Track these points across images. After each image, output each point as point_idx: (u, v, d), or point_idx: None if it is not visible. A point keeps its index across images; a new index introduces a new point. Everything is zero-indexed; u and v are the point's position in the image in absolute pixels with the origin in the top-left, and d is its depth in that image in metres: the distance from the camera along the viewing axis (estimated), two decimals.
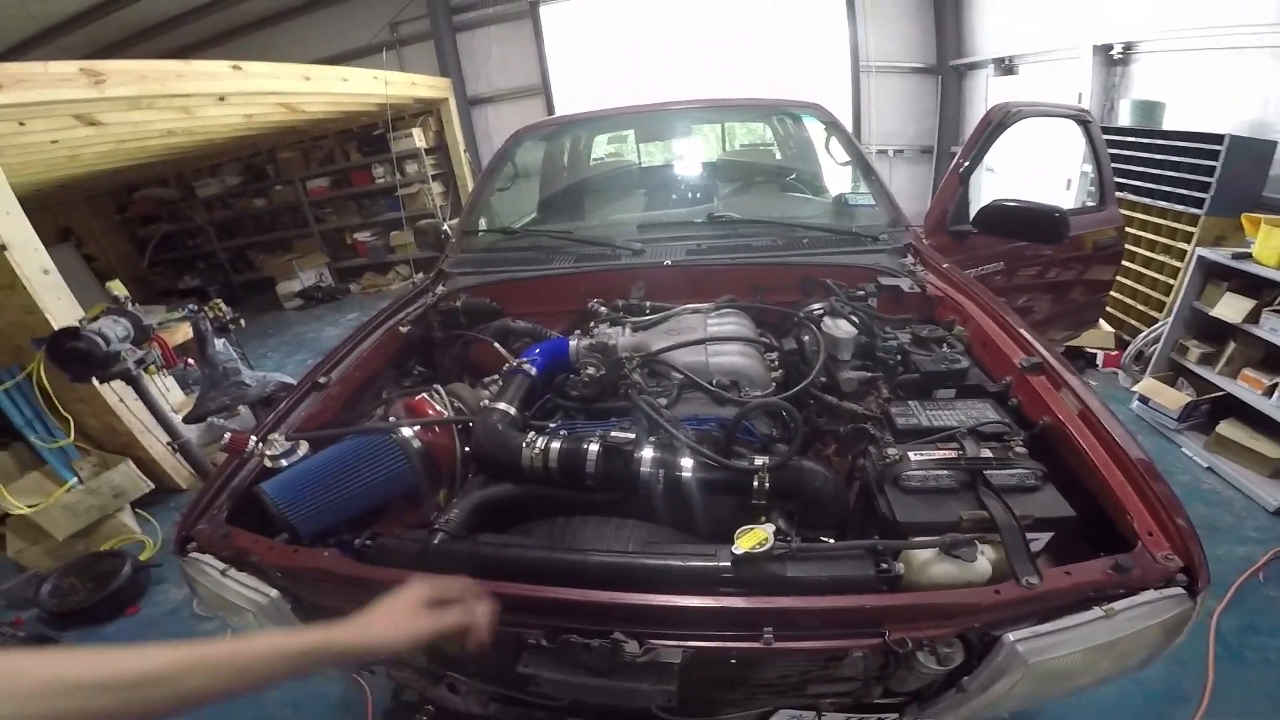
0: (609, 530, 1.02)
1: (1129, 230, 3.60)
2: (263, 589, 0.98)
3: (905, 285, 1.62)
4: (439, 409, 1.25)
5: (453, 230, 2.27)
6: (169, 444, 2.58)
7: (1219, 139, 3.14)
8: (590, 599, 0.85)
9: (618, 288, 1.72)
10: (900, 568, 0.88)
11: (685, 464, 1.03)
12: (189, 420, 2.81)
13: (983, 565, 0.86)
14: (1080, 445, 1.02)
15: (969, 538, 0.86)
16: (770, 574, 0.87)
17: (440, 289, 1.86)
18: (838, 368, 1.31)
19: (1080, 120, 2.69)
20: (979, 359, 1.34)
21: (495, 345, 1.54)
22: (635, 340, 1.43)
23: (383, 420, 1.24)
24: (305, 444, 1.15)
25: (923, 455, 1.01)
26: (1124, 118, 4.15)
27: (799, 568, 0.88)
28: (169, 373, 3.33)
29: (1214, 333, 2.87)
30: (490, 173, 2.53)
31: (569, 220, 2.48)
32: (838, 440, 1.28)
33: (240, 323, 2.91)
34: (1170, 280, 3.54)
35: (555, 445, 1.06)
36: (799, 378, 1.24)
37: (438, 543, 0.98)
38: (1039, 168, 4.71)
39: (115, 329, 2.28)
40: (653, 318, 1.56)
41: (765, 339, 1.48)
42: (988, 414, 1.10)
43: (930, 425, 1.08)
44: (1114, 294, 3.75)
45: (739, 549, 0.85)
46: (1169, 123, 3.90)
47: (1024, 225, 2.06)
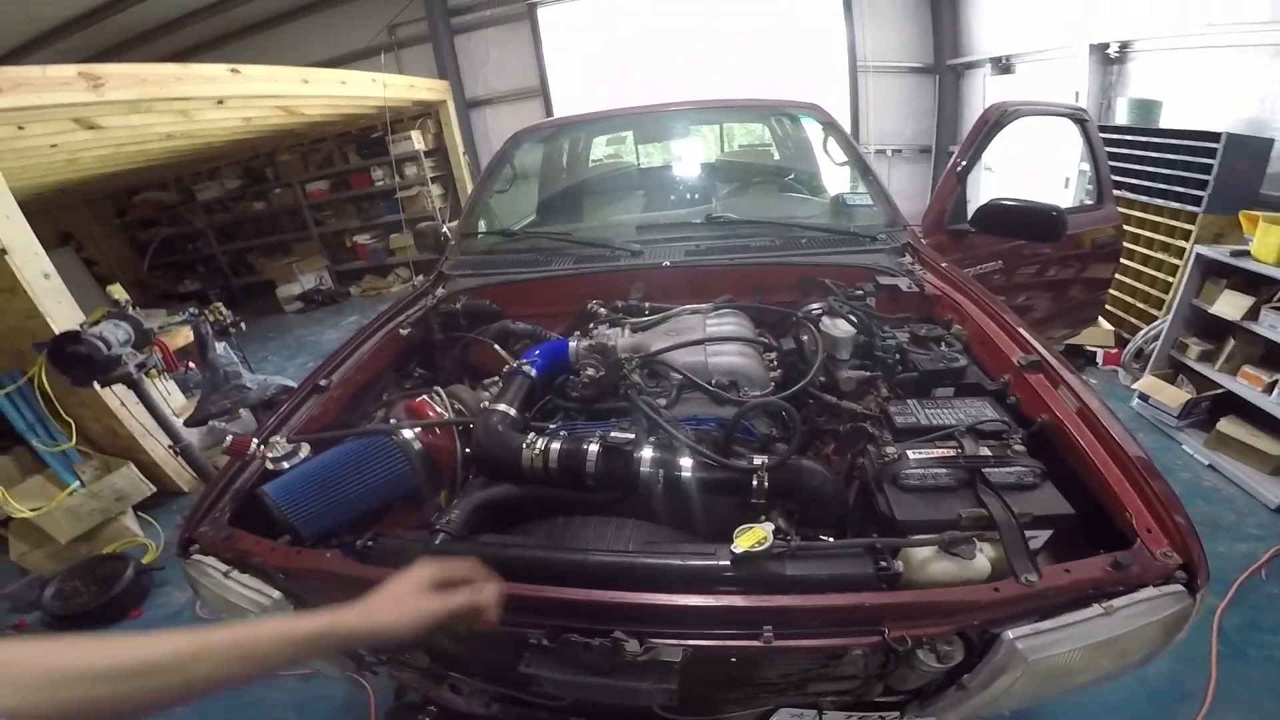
0: (609, 530, 1.02)
1: (1128, 228, 3.60)
2: (265, 590, 0.99)
3: (903, 284, 1.62)
4: (439, 411, 1.26)
5: (452, 233, 2.28)
6: (170, 447, 2.58)
7: (1216, 137, 3.15)
8: (591, 598, 0.85)
9: (617, 289, 1.72)
10: (899, 566, 0.88)
11: (685, 464, 1.03)
12: (190, 423, 2.81)
13: (982, 563, 0.86)
14: (1078, 443, 1.02)
15: (968, 535, 0.86)
16: (770, 572, 0.87)
17: (440, 291, 1.86)
18: (836, 367, 1.31)
19: (1077, 119, 2.69)
20: (977, 357, 1.34)
21: (495, 347, 1.54)
22: (634, 341, 1.43)
23: (384, 422, 1.25)
24: (307, 446, 1.16)
25: (921, 453, 1.00)
26: (1121, 116, 4.16)
27: (798, 566, 0.88)
28: (170, 376, 3.33)
29: (1213, 330, 2.87)
30: (489, 175, 2.53)
31: (568, 222, 2.49)
32: (837, 439, 1.27)
33: (241, 326, 2.92)
34: (1169, 278, 3.53)
35: (555, 446, 1.06)
36: (798, 377, 1.24)
37: (439, 543, 0.99)
38: (1037, 167, 4.71)
39: (116, 333, 2.28)
40: (652, 318, 1.56)
41: (764, 339, 1.48)
42: (986, 412, 1.10)
43: (929, 424, 1.08)
44: (1113, 292, 3.75)
45: (738, 548, 0.85)
46: (1166, 121, 3.90)
47: (1022, 224, 2.07)
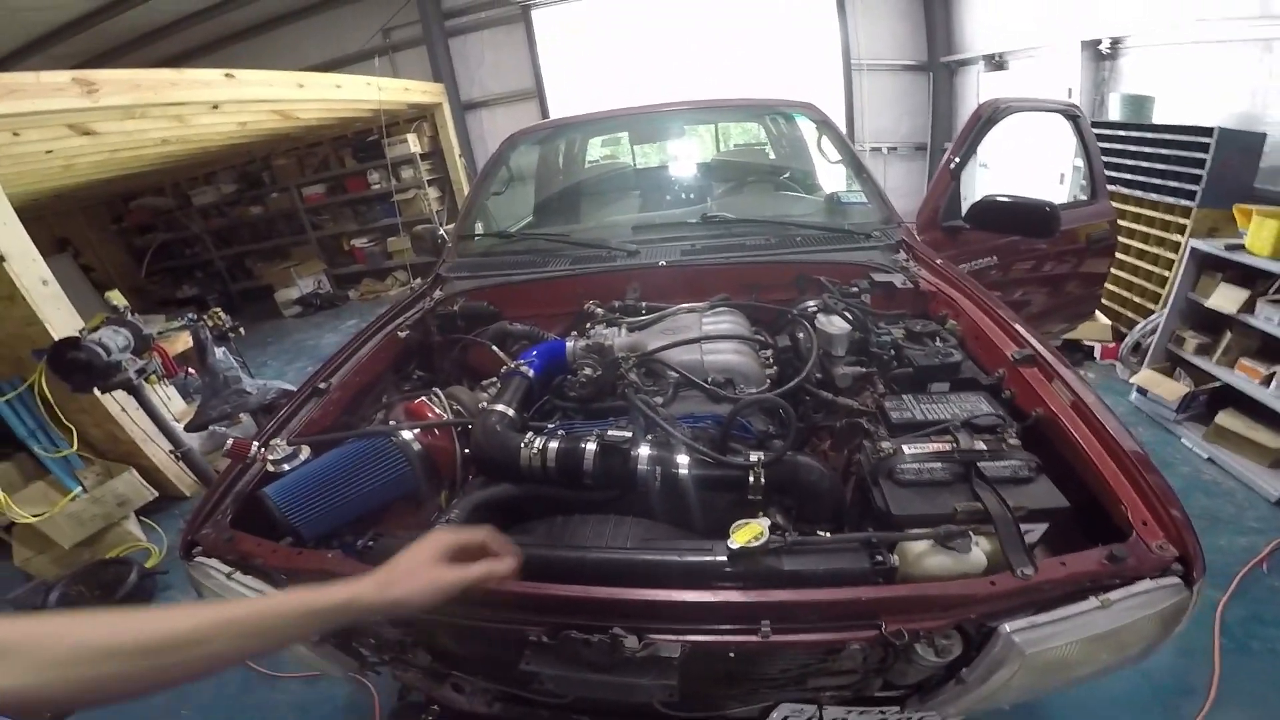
0: (607, 528, 1.02)
1: (1123, 223, 3.61)
2: (268, 591, 0.99)
3: (898, 281, 1.63)
4: (438, 412, 1.26)
5: (449, 235, 2.28)
6: (172, 452, 2.59)
7: (1208, 132, 3.16)
8: (589, 595, 0.85)
9: (613, 289, 1.72)
10: (895, 560, 0.88)
11: (682, 461, 1.04)
12: (191, 428, 2.82)
13: (978, 557, 0.86)
14: (1073, 436, 1.02)
15: (963, 529, 0.86)
16: (766, 567, 0.87)
17: (438, 294, 1.87)
18: (832, 363, 1.32)
19: (1069, 115, 2.70)
20: (972, 352, 1.35)
21: (493, 348, 1.54)
22: (631, 340, 1.44)
23: (383, 424, 1.26)
24: (307, 448, 1.16)
25: (917, 448, 1.00)
26: (1114, 112, 4.17)
27: (795, 561, 0.88)
28: (170, 382, 3.33)
29: (1210, 323, 2.87)
30: (485, 177, 2.53)
31: (564, 223, 2.49)
32: (833, 435, 1.28)
33: (239, 331, 2.92)
34: (1165, 272, 3.54)
35: (553, 445, 1.06)
36: (794, 374, 1.25)
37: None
38: (1032, 163, 4.73)
39: (116, 339, 2.28)
40: (648, 318, 1.56)
41: (760, 337, 1.49)
42: (981, 407, 1.10)
43: (924, 419, 1.09)
44: (1110, 286, 3.77)
45: (734, 543, 0.86)
46: (1159, 116, 3.92)
47: (1016, 220, 2.08)
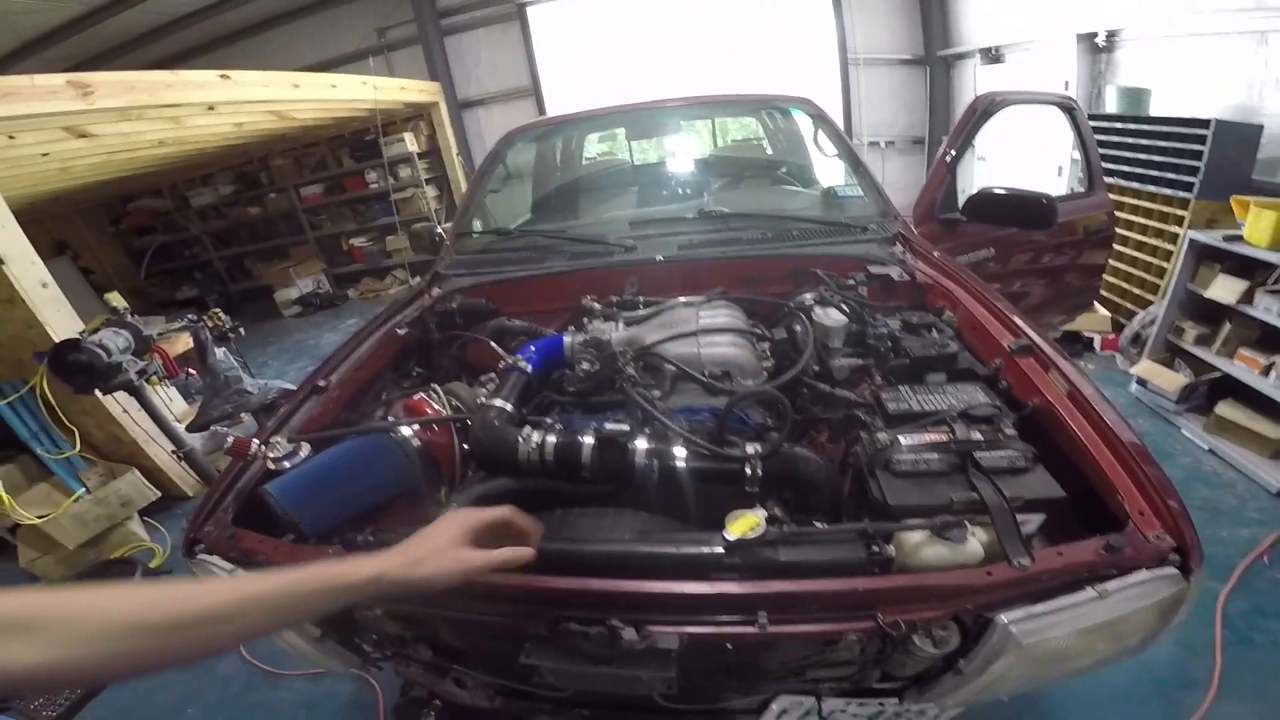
0: (606, 521, 1.03)
1: (1121, 215, 3.62)
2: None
3: (895, 273, 1.63)
4: (437, 408, 1.27)
5: (447, 233, 2.29)
6: (174, 452, 2.60)
7: (1205, 124, 3.16)
8: (587, 587, 0.86)
9: (611, 284, 1.72)
10: (891, 550, 0.88)
11: (679, 454, 1.04)
12: (192, 429, 2.83)
13: (974, 547, 0.86)
14: (1069, 426, 1.02)
15: (959, 519, 0.86)
16: (763, 559, 0.88)
17: (436, 291, 1.87)
18: (829, 356, 1.32)
19: (1065, 107, 2.70)
20: (969, 343, 1.35)
21: (491, 344, 1.54)
22: (629, 335, 1.43)
23: (383, 421, 1.26)
24: (307, 445, 1.16)
25: (913, 439, 1.00)
26: (1111, 104, 4.16)
27: (791, 552, 0.89)
28: (171, 383, 3.35)
29: (1209, 314, 2.88)
30: (482, 174, 2.53)
31: (562, 219, 2.49)
32: (830, 427, 1.28)
33: (240, 331, 2.93)
34: (1164, 263, 3.54)
35: (551, 439, 1.07)
36: (791, 367, 1.24)
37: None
38: (1030, 156, 4.73)
39: (116, 340, 2.29)
40: (645, 312, 1.56)
41: (757, 330, 1.48)
42: (978, 397, 1.10)
43: (921, 409, 1.08)
44: (1109, 278, 3.76)
45: (731, 535, 0.86)
46: (1156, 109, 3.91)
47: (1012, 212, 2.07)
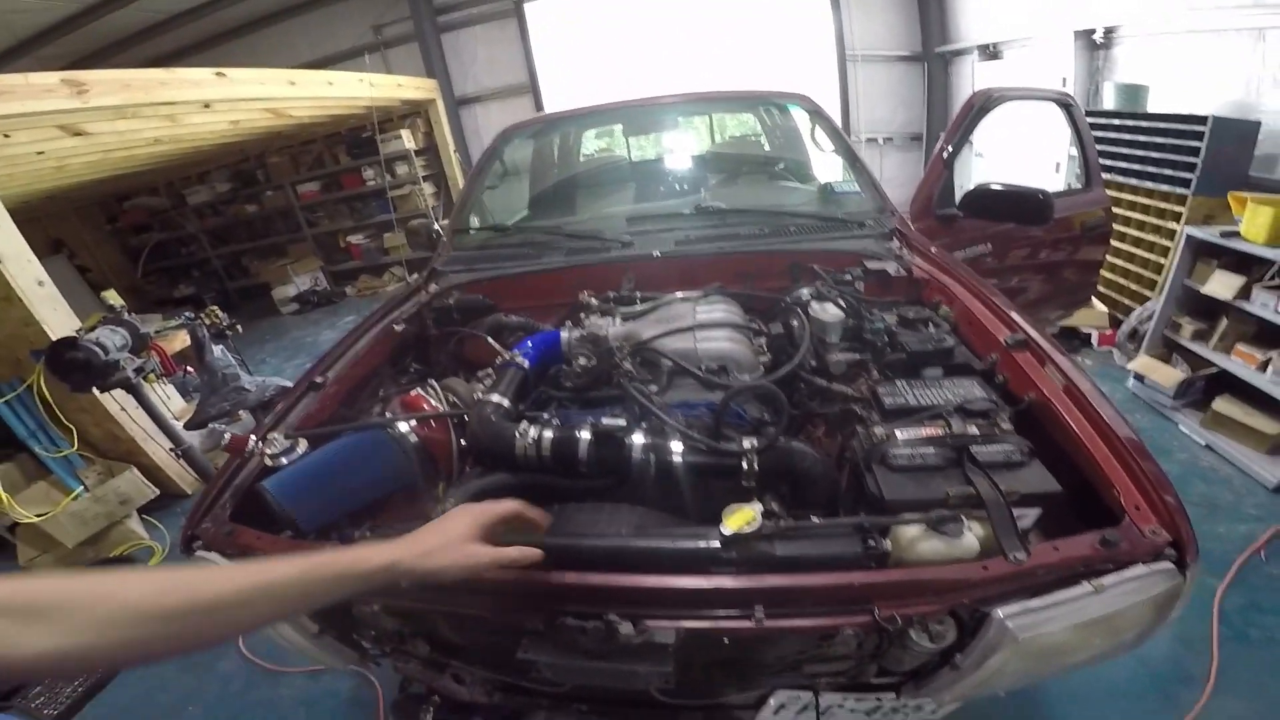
0: (602, 515, 1.02)
1: (1119, 211, 3.62)
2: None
3: (891, 268, 1.62)
4: (434, 404, 1.27)
5: (444, 229, 2.28)
6: (172, 450, 2.60)
7: (1203, 120, 3.15)
8: (584, 582, 0.86)
9: (608, 280, 1.71)
10: (887, 545, 0.88)
11: (676, 448, 1.04)
12: (190, 426, 2.82)
13: (970, 541, 0.85)
14: (1065, 420, 1.02)
15: (955, 514, 0.86)
16: (759, 553, 0.87)
17: (433, 287, 1.86)
18: (826, 350, 1.32)
19: (1062, 103, 2.69)
20: (965, 338, 1.35)
21: (488, 340, 1.54)
22: (626, 330, 1.43)
23: (380, 417, 1.26)
24: (304, 442, 1.16)
25: (910, 433, 1.00)
26: (1109, 101, 4.16)
27: (787, 546, 0.88)
28: (169, 380, 3.33)
29: (1206, 309, 2.88)
30: (479, 171, 2.52)
31: (559, 216, 2.48)
32: (827, 422, 1.28)
33: (237, 329, 2.92)
34: (1161, 259, 3.54)
35: (548, 434, 1.07)
36: (787, 361, 1.25)
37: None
38: (1028, 152, 4.73)
39: (113, 338, 2.29)
40: (642, 307, 1.55)
41: (753, 325, 1.48)
42: (974, 391, 1.10)
43: (917, 404, 1.09)
44: (1107, 273, 3.77)
45: (727, 529, 0.86)
46: (1153, 105, 3.91)
47: (1009, 207, 2.07)
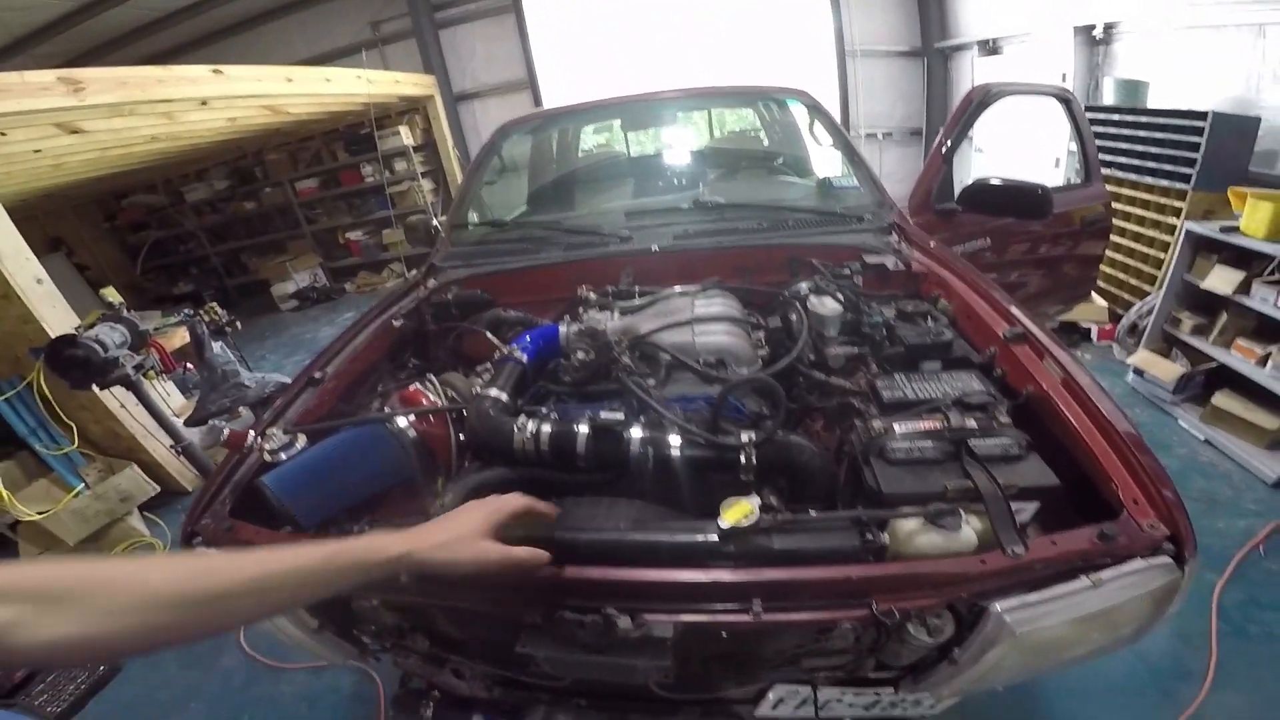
0: (601, 509, 1.03)
1: (1119, 206, 3.61)
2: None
3: (890, 262, 1.62)
4: (433, 399, 1.26)
5: (442, 225, 2.28)
6: (172, 447, 2.59)
7: (1203, 116, 3.14)
8: (582, 576, 0.86)
9: (607, 275, 1.71)
10: (885, 538, 0.88)
11: (674, 442, 1.04)
12: (190, 423, 2.82)
13: (968, 535, 0.85)
14: (1064, 414, 1.01)
15: (953, 507, 0.86)
16: (757, 546, 0.88)
17: (431, 283, 1.86)
18: (825, 344, 1.32)
19: (1061, 99, 2.69)
20: (964, 331, 1.35)
21: (487, 335, 1.54)
22: (624, 324, 1.43)
23: (379, 412, 1.26)
24: (303, 437, 1.16)
25: (908, 427, 1.00)
26: (1109, 97, 4.14)
27: (785, 540, 0.88)
28: (168, 377, 3.34)
29: (1206, 304, 2.88)
30: (477, 167, 2.52)
31: (558, 211, 2.47)
32: (826, 415, 1.28)
33: (236, 326, 2.93)
34: (1161, 254, 3.53)
35: (546, 428, 1.07)
36: (786, 355, 1.24)
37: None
38: (1028, 147, 4.72)
39: (112, 335, 2.29)
40: (641, 302, 1.55)
41: (752, 319, 1.48)
42: (973, 385, 1.09)
43: (916, 397, 1.08)
44: (1106, 268, 3.76)
45: (725, 522, 0.86)
46: (1153, 101, 3.90)
47: (1008, 202, 2.07)
